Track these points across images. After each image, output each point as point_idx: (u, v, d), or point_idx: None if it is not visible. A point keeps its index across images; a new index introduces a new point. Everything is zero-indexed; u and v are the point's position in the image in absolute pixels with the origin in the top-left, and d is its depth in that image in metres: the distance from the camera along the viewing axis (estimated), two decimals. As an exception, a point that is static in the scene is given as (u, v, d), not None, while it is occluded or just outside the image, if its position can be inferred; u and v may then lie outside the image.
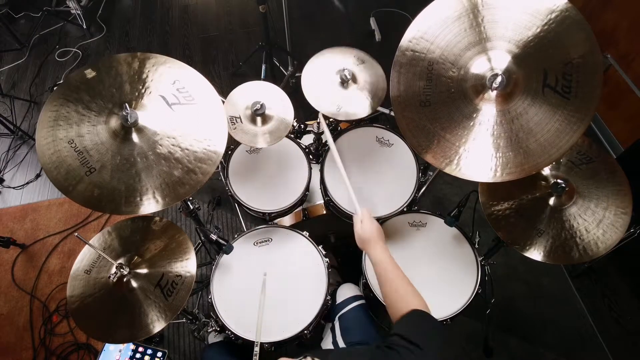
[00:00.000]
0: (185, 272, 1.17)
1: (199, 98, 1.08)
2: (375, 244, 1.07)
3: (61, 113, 1.02)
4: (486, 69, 1.01)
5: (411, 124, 1.08)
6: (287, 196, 1.49)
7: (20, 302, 2.08)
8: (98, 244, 1.25)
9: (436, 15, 1.04)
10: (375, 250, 1.05)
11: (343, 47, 1.48)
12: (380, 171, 1.50)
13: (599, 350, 1.90)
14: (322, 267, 1.36)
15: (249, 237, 1.45)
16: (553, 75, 0.96)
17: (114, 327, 1.12)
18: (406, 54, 1.07)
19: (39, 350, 1.95)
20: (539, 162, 0.98)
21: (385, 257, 1.03)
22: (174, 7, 3.37)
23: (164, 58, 1.09)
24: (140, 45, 3.15)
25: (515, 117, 1.00)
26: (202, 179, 1.01)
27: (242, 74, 2.87)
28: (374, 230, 1.09)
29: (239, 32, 3.17)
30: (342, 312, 1.35)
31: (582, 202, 1.21)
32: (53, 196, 2.42)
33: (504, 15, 0.99)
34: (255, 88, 1.43)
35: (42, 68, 3.02)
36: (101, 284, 1.17)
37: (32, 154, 2.60)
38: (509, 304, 2.00)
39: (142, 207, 0.98)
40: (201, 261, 2.06)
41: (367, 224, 1.09)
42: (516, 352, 1.89)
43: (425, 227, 1.48)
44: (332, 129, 1.72)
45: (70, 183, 0.98)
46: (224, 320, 1.28)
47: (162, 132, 1.03)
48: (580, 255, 1.18)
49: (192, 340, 1.95)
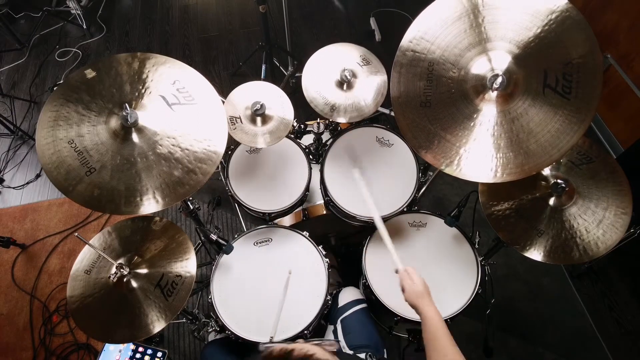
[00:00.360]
0: (185, 272, 1.17)
1: (199, 98, 1.08)
2: (429, 299, 1.05)
3: (61, 113, 1.02)
4: (487, 69, 1.01)
5: (411, 124, 1.08)
6: (287, 196, 1.49)
7: (20, 302, 2.08)
8: (98, 244, 1.25)
9: (436, 15, 1.04)
10: (430, 306, 1.03)
11: (350, 44, 1.48)
12: (380, 171, 1.50)
13: (599, 350, 1.90)
14: (322, 267, 1.36)
15: (249, 237, 1.45)
16: (553, 75, 0.96)
17: (114, 327, 1.12)
18: (407, 54, 1.07)
19: (39, 351, 1.95)
20: (539, 162, 0.98)
21: (437, 315, 1.02)
22: (174, 7, 3.37)
23: (164, 58, 1.09)
24: (140, 45, 3.15)
25: (515, 118, 1.00)
26: (202, 179, 1.01)
27: (242, 74, 2.87)
28: (424, 286, 1.08)
29: (239, 32, 3.17)
30: (344, 315, 1.35)
31: (582, 202, 1.21)
32: (53, 196, 2.42)
33: (505, 16, 0.99)
34: (255, 88, 1.43)
35: (42, 68, 3.02)
36: (101, 284, 1.17)
37: (32, 154, 2.60)
38: (509, 304, 2.00)
39: (142, 207, 0.98)
40: (201, 261, 2.06)
41: (419, 279, 1.08)
42: (516, 352, 1.89)
43: (425, 227, 1.48)
44: (332, 128, 1.73)
45: (70, 183, 0.98)
46: (224, 320, 1.28)
47: (162, 132, 1.03)
48: (580, 255, 1.18)
49: (192, 340, 1.95)
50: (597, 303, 2.02)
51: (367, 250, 1.44)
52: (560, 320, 1.97)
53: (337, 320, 1.36)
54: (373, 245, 1.45)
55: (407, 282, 1.08)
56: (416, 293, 1.06)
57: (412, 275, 1.09)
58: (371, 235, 1.46)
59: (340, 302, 1.40)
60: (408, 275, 1.10)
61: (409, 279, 1.09)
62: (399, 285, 1.11)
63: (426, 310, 1.02)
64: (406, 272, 1.11)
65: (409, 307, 1.29)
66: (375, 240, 1.46)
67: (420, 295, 1.06)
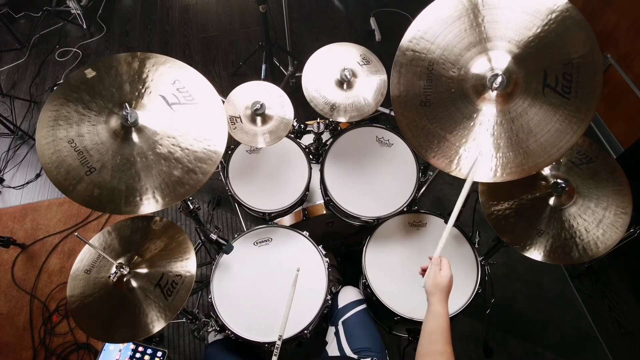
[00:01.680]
0: (185, 271, 1.17)
1: (199, 98, 1.07)
2: (445, 296, 1.01)
3: (61, 113, 1.01)
4: (486, 69, 1.01)
5: (411, 124, 1.08)
6: (287, 196, 1.49)
7: (20, 302, 2.08)
8: (98, 243, 1.25)
9: (436, 15, 1.04)
10: (443, 303, 0.99)
11: (350, 43, 1.48)
12: (380, 171, 1.50)
13: (599, 350, 1.90)
14: (322, 267, 1.36)
15: (249, 237, 1.45)
16: (553, 75, 0.96)
17: (114, 326, 1.12)
18: (406, 54, 1.07)
19: (39, 350, 1.95)
20: (539, 162, 0.98)
21: (446, 315, 0.97)
22: (174, 7, 3.37)
23: (164, 58, 1.09)
24: (140, 45, 3.15)
25: (515, 117, 1.00)
26: (202, 178, 1.01)
27: (242, 74, 2.87)
28: (449, 282, 1.03)
29: (239, 32, 3.17)
30: (345, 317, 1.35)
31: (582, 202, 1.21)
32: (53, 196, 2.42)
33: (505, 16, 0.99)
34: (255, 88, 1.43)
35: (42, 68, 3.02)
36: (101, 283, 1.17)
37: (32, 154, 2.60)
38: (509, 304, 2.00)
39: (142, 207, 0.98)
40: (201, 261, 2.06)
41: (448, 274, 1.02)
42: (516, 352, 1.89)
43: (425, 227, 1.48)
44: (332, 128, 1.73)
45: (70, 183, 0.98)
46: (224, 319, 1.28)
47: (162, 132, 1.03)
48: (580, 255, 1.18)
49: (192, 340, 1.95)
50: (597, 303, 2.02)
51: (367, 250, 1.44)
52: (560, 320, 1.97)
53: (338, 322, 1.36)
54: (373, 245, 1.45)
55: (434, 269, 1.03)
56: (437, 284, 1.01)
57: (444, 266, 1.03)
58: (371, 235, 1.46)
59: (340, 303, 1.40)
60: (440, 264, 1.04)
61: (438, 268, 1.04)
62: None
63: (436, 305, 0.98)
64: (440, 260, 1.05)
65: (409, 307, 1.29)
66: (376, 240, 1.46)
67: (440, 288, 1.00)
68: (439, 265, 1.03)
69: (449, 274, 1.02)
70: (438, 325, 0.95)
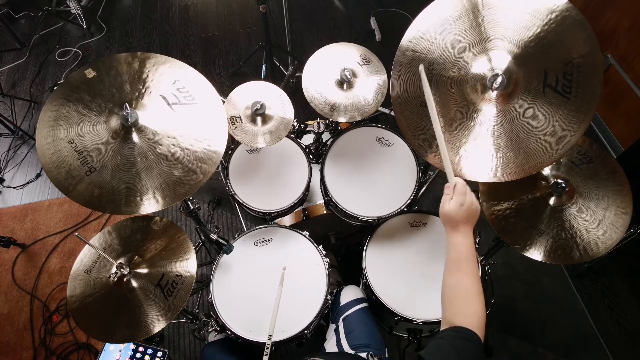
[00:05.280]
0: (185, 272, 1.17)
1: (199, 98, 1.08)
2: (461, 225, 0.88)
3: (61, 113, 1.01)
4: (486, 69, 1.01)
5: (411, 124, 1.08)
6: (287, 196, 1.49)
7: (20, 302, 2.08)
8: (98, 243, 1.25)
9: (436, 15, 1.04)
10: (456, 233, 0.87)
11: (350, 43, 1.48)
12: (380, 171, 1.50)
13: (599, 350, 1.90)
14: (322, 267, 1.36)
15: (249, 237, 1.45)
16: (553, 75, 0.96)
17: (114, 327, 1.12)
18: (406, 54, 1.07)
19: (39, 350, 1.95)
20: (539, 162, 0.98)
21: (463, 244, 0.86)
22: (174, 7, 3.37)
23: (164, 58, 1.09)
24: (140, 45, 3.15)
25: (515, 117, 1.00)
26: (202, 178, 1.01)
27: (242, 74, 2.87)
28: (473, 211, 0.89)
29: (239, 32, 3.17)
30: (346, 314, 1.35)
31: (583, 202, 1.21)
32: (53, 196, 2.42)
33: (504, 15, 0.99)
34: (255, 88, 1.43)
35: (42, 68, 3.02)
36: (101, 283, 1.17)
37: (32, 154, 2.60)
38: (509, 304, 2.00)
39: (142, 207, 0.98)
40: (201, 261, 2.06)
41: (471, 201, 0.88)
42: (516, 352, 1.89)
43: (425, 227, 1.48)
44: (332, 128, 1.73)
45: (71, 183, 0.98)
46: (224, 320, 1.28)
47: (163, 132, 1.03)
48: (581, 255, 1.18)
49: (192, 340, 1.95)
50: (597, 303, 2.02)
51: (367, 250, 1.44)
52: (560, 320, 1.97)
53: (339, 319, 1.36)
54: (373, 245, 1.45)
55: (444, 199, 0.92)
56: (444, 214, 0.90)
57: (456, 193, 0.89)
58: (371, 235, 1.46)
59: (342, 301, 1.40)
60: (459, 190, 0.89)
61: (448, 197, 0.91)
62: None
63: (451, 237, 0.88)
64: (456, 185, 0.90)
65: (409, 307, 1.28)
66: (376, 240, 1.46)
67: (448, 218, 0.89)
68: (450, 194, 0.91)
69: (471, 201, 0.89)
70: (457, 257, 0.86)
